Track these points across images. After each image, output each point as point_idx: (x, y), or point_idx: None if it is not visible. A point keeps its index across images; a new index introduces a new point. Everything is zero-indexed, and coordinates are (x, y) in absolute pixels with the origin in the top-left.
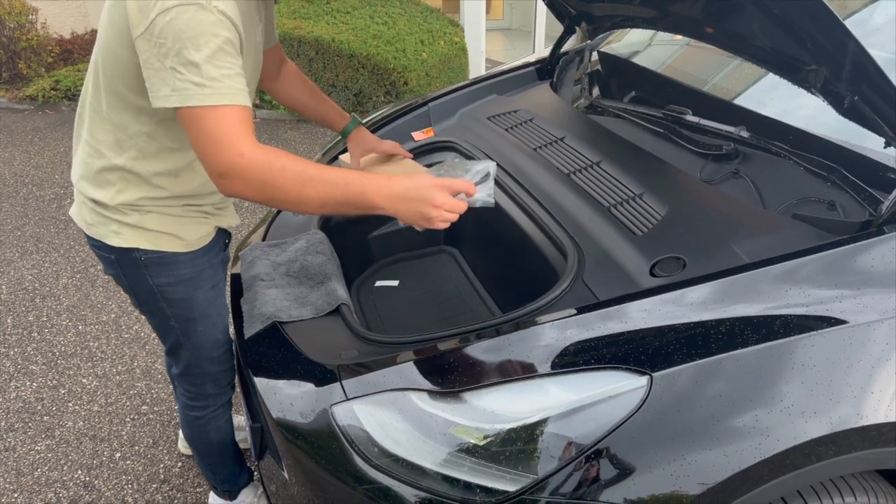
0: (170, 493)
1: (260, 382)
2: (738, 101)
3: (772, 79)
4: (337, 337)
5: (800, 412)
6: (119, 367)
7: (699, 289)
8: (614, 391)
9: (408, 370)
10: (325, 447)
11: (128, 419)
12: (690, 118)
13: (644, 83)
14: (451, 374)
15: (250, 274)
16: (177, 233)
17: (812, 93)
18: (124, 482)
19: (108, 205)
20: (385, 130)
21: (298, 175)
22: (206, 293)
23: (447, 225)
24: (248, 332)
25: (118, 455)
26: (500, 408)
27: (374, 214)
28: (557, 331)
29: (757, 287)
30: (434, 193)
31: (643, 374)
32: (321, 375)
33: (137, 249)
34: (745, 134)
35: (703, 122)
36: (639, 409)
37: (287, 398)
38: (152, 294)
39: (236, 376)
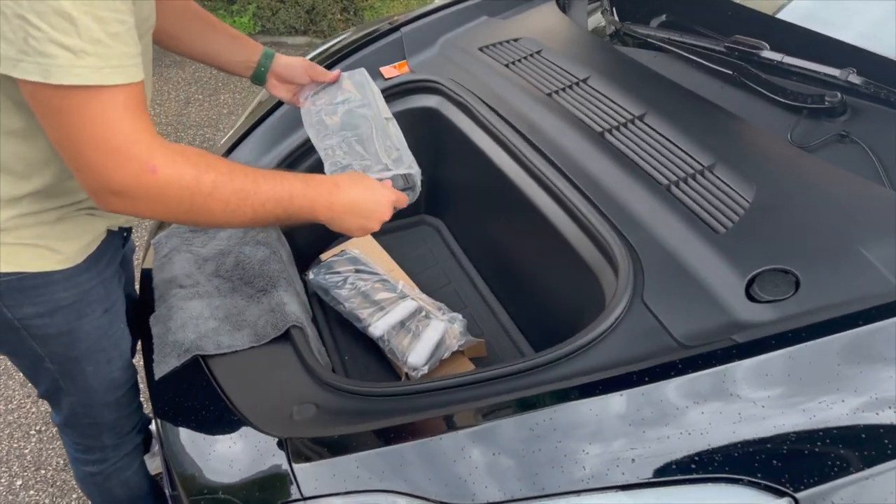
0: None
1: (174, 453)
2: (837, 34)
3: None
4: (287, 379)
5: None
6: None
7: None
8: None
9: (395, 455)
10: None
11: (33, 432)
12: (769, 54)
13: (693, 2)
14: (461, 468)
15: (164, 276)
16: (49, 244)
17: None
18: None
19: None
20: (348, 63)
21: (233, 194)
22: (97, 321)
23: None
24: (160, 369)
25: (19, 483)
26: None
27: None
28: (631, 405)
29: None
30: (387, 211)
31: (781, 493)
32: (264, 453)
33: None
34: (855, 79)
35: (789, 60)
36: None
37: (215, 485)
38: (13, 331)
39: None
